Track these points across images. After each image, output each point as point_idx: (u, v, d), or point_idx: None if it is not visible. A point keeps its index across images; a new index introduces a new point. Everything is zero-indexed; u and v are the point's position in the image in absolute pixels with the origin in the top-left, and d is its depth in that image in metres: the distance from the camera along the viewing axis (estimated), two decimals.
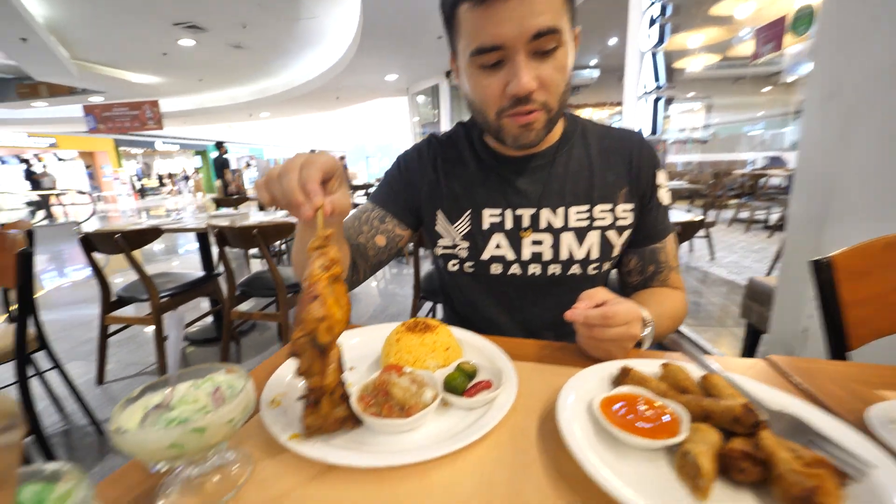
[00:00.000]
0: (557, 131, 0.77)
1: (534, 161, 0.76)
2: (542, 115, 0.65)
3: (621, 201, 0.75)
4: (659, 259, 0.78)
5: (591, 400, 0.44)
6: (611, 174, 0.75)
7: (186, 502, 0.36)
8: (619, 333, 0.55)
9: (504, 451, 0.42)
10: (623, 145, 0.77)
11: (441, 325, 0.59)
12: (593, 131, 0.79)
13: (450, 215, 0.79)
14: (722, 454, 0.36)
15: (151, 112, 9.82)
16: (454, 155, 0.82)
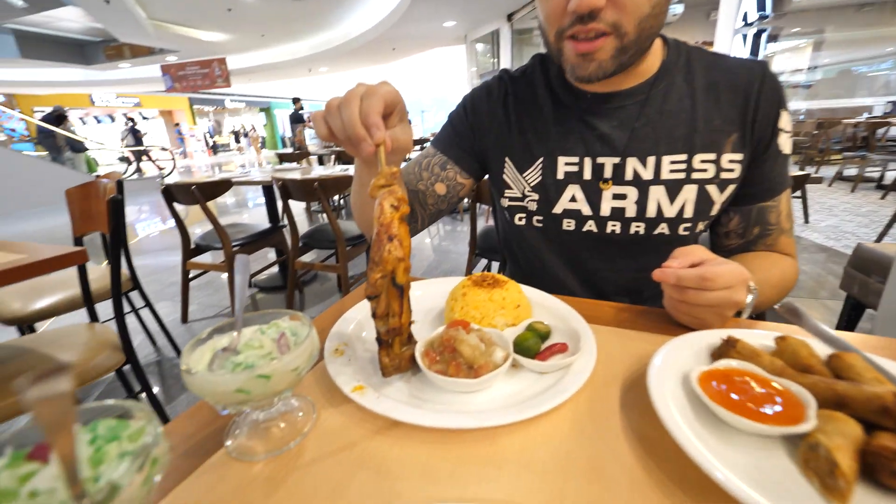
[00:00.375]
0: (654, 62, 0.64)
1: (621, 99, 0.65)
2: (612, 42, 0.54)
3: (728, 150, 0.62)
4: (767, 219, 0.66)
5: (688, 373, 0.38)
6: (718, 116, 0.62)
7: (253, 445, 0.36)
8: (719, 298, 0.47)
9: (582, 422, 0.38)
10: (739, 79, 0.62)
11: (510, 280, 0.55)
12: (702, 61, 0.65)
13: (519, 163, 0.71)
14: (866, 451, 0.29)
15: (220, 69, 10.30)
16: (528, 93, 0.72)
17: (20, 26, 9.37)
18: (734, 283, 0.47)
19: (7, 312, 1.44)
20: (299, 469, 0.34)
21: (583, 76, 0.58)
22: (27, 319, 1.46)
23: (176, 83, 10.84)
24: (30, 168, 6.66)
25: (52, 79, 12.39)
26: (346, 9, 8.90)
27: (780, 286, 0.62)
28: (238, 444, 0.37)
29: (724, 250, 0.72)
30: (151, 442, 0.25)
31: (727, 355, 0.41)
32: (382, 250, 0.38)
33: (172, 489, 0.33)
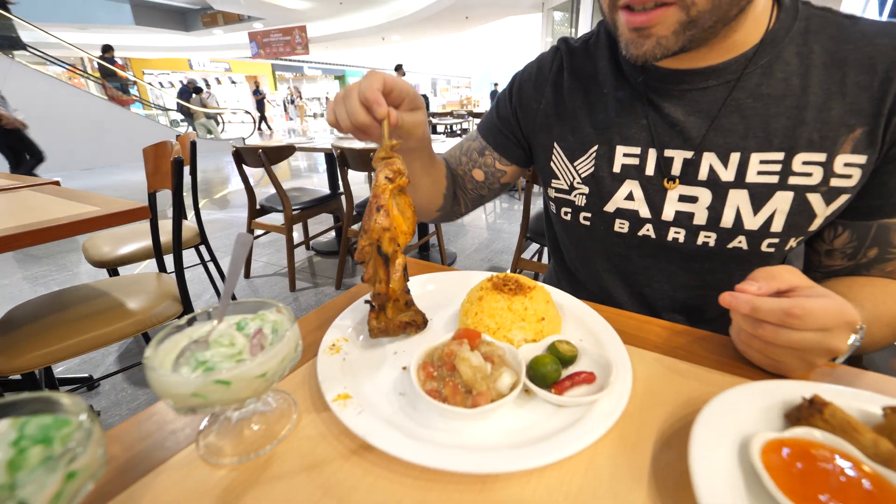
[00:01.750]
0: (756, 31, 0.49)
1: (705, 78, 0.51)
2: (675, 13, 0.42)
3: (847, 150, 0.46)
4: (890, 240, 0.50)
5: (750, 437, 0.29)
6: (840, 104, 0.46)
7: (223, 446, 0.34)
8: (807, 342, 0.36)
9: (599, 480, 0.30)
10: (880, 52, 0.45)
11: (539, 286, 0.47)
12: (826, 29, 0.48)
13: (570, 150, 0.61)
14: None
15: (300, 37, 10.72)
16: (588, 69, 0.61)
17: None
18: (832, 324, 0.36)
19: (97, 256, 1.63)
20: (262, 484, 0.31)
21: (637, 55, 0.46)
22: (112, 263, 1.64)
23: (261, 50, 11.47)
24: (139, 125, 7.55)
25: (158, 44, 13.69)
26: None
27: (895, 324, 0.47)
28: (208, 443, 0.34)
29: (821, 271, 0.57)
30: (71, 450, 0.22)
31: (810, 422, 0.31)
32: (371, 220, 0.41)
33: (135, 482, 0.31)
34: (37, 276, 2.69)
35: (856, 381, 0.40)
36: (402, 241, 0.42)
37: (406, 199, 0.45)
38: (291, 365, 0.34)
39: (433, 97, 20.93)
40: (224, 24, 11.99)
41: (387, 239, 0.41)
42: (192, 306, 1.29)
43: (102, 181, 5.98)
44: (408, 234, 0.43)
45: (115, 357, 1.86)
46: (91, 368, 1.78)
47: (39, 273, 2.73)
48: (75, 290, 1.25)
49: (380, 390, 0.39)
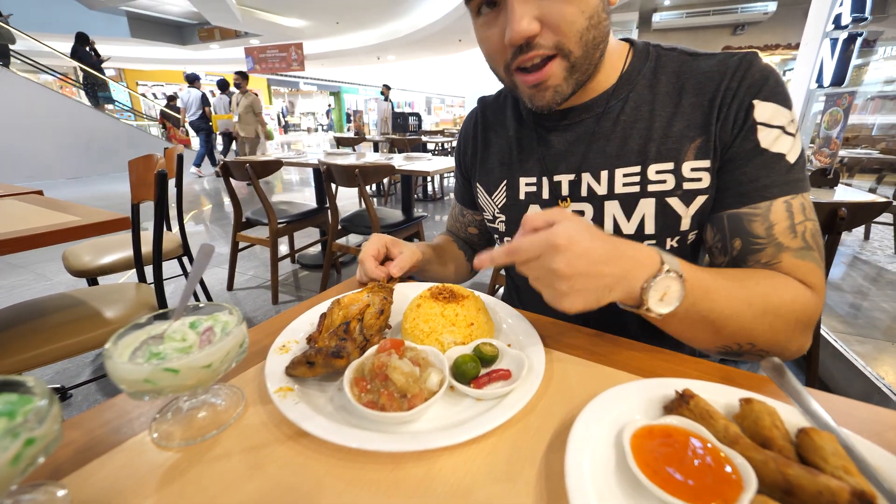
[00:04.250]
0: (614, 72, 0.60)
1: (578, 114, 0.61)
2: (560, 63, 0.52)
3: (691, 157, 0.55)
4: (749, 230, 0.52)
5: (625, 425, 0.35)
6: (680, 121, 0.55)
7: (173, 431, 0.38)
8: (535, 270, 0.41)
9: (497, 461, 0.35)
10: (710, 77, 0.54)
11: (472, 295, 0.53)
12: (671, 65, 0.58)
13: (487, 186, 0.72)
14: None
15: (296, 54, 10.90)
16: (497, 118, 0.73)
17: (132, 8, 10.51)
18: (539, 250, 0.39)
19: (77, 265, 1.64)
20: (203, 463, 0.35)
21: (542, 105, 0.55)
22: (92, 273, 1.65)
23: (257, 65, 11.62)
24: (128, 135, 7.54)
25: (154, 56, 13.78)
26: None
27: (761, 304, 0.46)
28: (161, 429, 0.38)
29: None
30: (30, 420, 0.26)
31: (679, 411, 0.36)
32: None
33: (89, 462, 0.35)
34: (14, 285, 2.67)
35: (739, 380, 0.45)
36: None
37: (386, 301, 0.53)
38: (238, 360, 0.39)
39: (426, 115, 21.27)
40: (221, 39, 12.17)
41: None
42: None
43: (88, 191, 5.95)
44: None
45: (91, 370, 1.85)
46: (66, 380, 1.77)
47: (17, 282, 2.71)
48: (51, 300, 1.26)
49: (320, 387, 0.43)
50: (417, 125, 7.26)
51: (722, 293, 0.46)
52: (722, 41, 8.50)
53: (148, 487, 0.33)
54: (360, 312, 0.50)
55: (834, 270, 2.85)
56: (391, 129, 6.73)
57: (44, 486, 0.32)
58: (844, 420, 0.35)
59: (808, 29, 2.67)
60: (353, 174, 2.19)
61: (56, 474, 0.34)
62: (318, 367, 0.41)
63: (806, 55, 2.71)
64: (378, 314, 0.50)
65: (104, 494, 0.32)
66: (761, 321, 0.46)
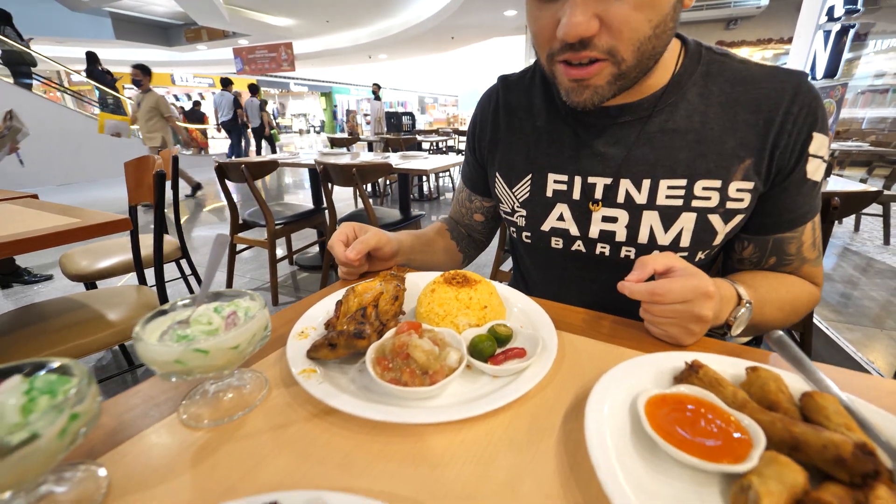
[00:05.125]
0: (665, 72, 0.56)
1: (622, 115, 0.58)
2: (608, 68, 0.48)
3: (738, 178, 0.54)
4: (786, 250, 0.59)
5: (638, 394, 0.36)
6: (733, 139, 0.54)
7: (202, 413, 0.39)
8: (677, 312, 0.45)
9: (517, 432, 0.37)
10: (765, 95, 0.53)
11: (484, 281, 0.54)
12: (723, 73, 0.56)
13: (508, 178, 0.68)
14: (802, 502, 0.26)
15: (286, 54, 10.82)
16: (522, 102, 0.68)
17: (116, 9, 10.37)
18: (691, 297, 0.44)
19: (75, 269, 1.63)
20: (233, 441, 0.36)
21: (578, 103, 0.53)
22: (91, 277, 1.64)
23: (246, 66, 11.53)
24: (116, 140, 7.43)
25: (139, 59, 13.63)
26: None
27: (789, 309, 0.57)
28: (189, 411, 0.39)
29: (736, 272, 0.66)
30: (73, 396, 0.27)
31: (688, 381, 0.38)
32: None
33: (122, 443, 0.36)
34: (8, 292, 2.64)
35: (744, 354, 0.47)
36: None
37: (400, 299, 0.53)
38: (262, 343, 0.40)
39: (420, 115, 21.25)
40: (208, 39, 12.05)
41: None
42: None
43: (79, 197, 5.88)
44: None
45: (95, 373, 1.84)
46: None
47: (13, 289, 2.68)
48: (52, 303, 1.26)
49: (341, 369, 0.45)
50: (411, 125, 7.27)
51: (768, 307, 0.54)
52: (715, 35, 8.60)
53: (182, 464, 0.34)
54: (374, 299, 0.51)
55: (826, 261, 2.90)
56: (385, 129, 6.73)
57: (83, 465, 0.33)
58: (843, 387, 0.37)
59: (801, 21, 2.71)
60: (351, 173, 2.20)
61: (91, 455, 0.35)
62: (340, 348, 0.43)
63: (799, 47, 2.75)
64: (393, 300, 0.51)
65: (140, 472, 0.33)
66: (784, 320, 0.57)
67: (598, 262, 0.65)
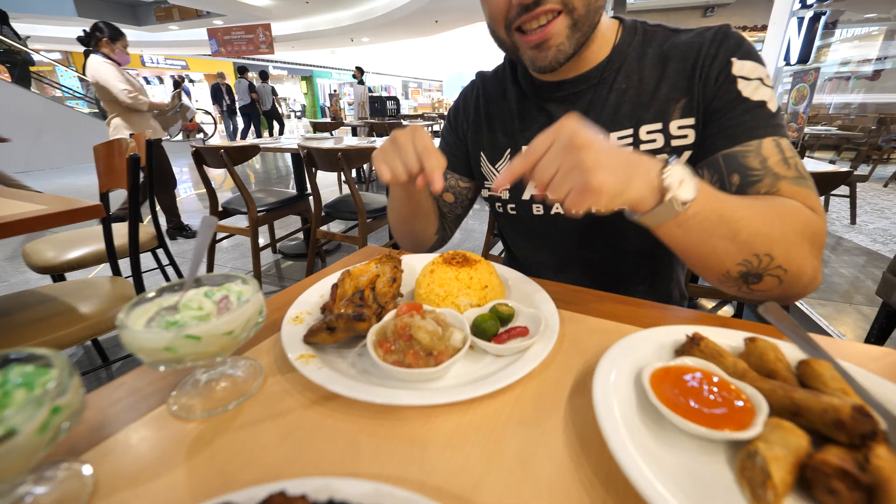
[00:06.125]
0: (607, 46, 0.64)
1: (575, 85, 0.65)
2: (563, 21, 0.54)
3: (677, 116, 0.60)
4: (745, 164, 0.54)
5: (642, 368, 0.36)
6: (665, 86, 0.60)
7: (193, 404, 0.37)
8: (554, 158, 0.40)
9: (524, 409, 0.37)
10: (690, 47, 0.59)
11: (483, 261, 0.54)
12: (656, 38, 0.64)
13: (491, 156, 0.75)
14: (807, 465, 0.27)
15: (264, 35, 10.40)
16: (497, 90, 0.76)
17: None
18: (553, 134, 0.41)
19: (41, 261, 1.55)
20: (230, 431, 0.35)
21: (544, 65, 0.57)
22: (58, 269, 1.56)
23: (221, 48, 11.05)
24: (83, 124, 7.06)
25: None
26: None
27: (768, 212, 0.48)
28: (180, 402, 0.38)
29: None
30: (52, 391, 0.25)
31: (690, 353, 0.38)
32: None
33: (106, 439, 0.34)
34: None
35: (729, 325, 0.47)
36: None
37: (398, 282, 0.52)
38: (256, 328, 0.38)
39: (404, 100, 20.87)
40: (180, 19, 11.46)
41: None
42: None
43: (43, 185, 5.58)
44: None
45: None
46: None
47: None
48: (17, 297, 1.19)
49: (340, 354, 0.44)
50: (396, 109, 7.15)
51: (728, 197, 0.46)
52: (693, 22, 8.80)
53: (176, 457, 0.33)
54: (371, 282, 0.50)
55: None
56: (368, 114, 6.59)
57: (65, 463, 0.32)
58: (834, 354, 0.38)
59: (776, 7, 2.77)
60: (336, 158, 2.14)
61: (73, 452, 0.33)
62: (339, 332, 0.41)
63: (774, 34, 2.81)
64: (390, 282, 0.50)
65: (129, 468, 0.32)
66: (773, 224, 0.46)
67: (576, 223, 0.69)
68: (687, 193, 0.42)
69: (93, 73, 2.69)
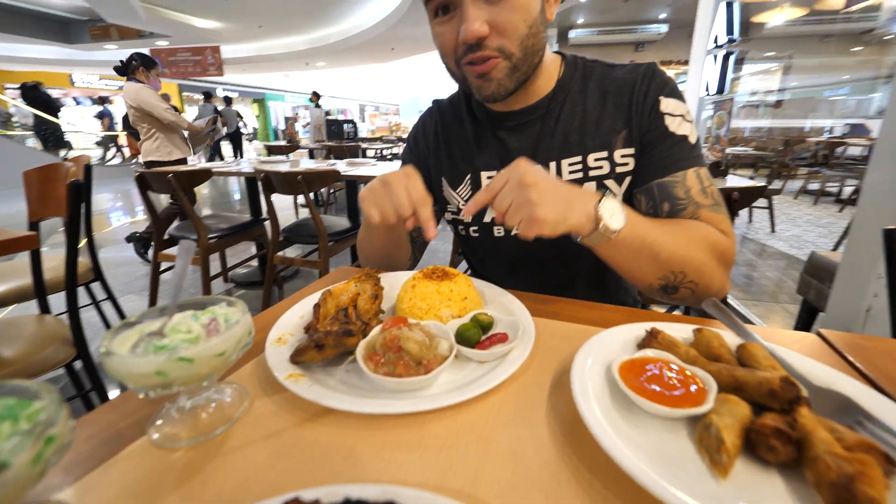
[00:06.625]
0: (551, 80, 0.71)
1: (525, 116, 0.72)
2: (502, 62, 0.60)
3: (619, 146, 0.67)
4: (673, 194, 0.64)
5: (611, 362, 0.41)
6: (607, 118, 0.68)
7: (177, 432, 0.37)
8: (508, 193, 0.49)
9: (510, 409, 0.39)
10: (625, 83, 0.68)
11: (461, 274, 0.57)
12: (595, 73, 0.71)
13: (452, 181, 0.79)
14: (750, 429, 0.32)
15: (213, 58, 10.05)
16: (453, 118, 0.81)
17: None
18: (506, 174, 0.50)
19: None
20: (221, 456, 0.35)
21: (487, 95, 0.63)
22: None
23: (166, 69, 10.52)
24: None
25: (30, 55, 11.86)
26: (346, 6, 8.86)
27: (685, 237, 0.58)
28: (161, 432, 0.37)
29: None
30: (45, 420, 0.25)
31: (650, 346, 0.43)
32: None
33: (85, 475, 0.33)
34: None
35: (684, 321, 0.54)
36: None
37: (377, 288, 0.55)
38: (245, 349, 0.38)
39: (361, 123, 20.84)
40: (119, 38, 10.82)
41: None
42: (89, 350, 1.15)
43: None
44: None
45: None
46: None
47: None
48: None
49: (327, 372, 0.45)
50: (353, 132, 7.17)
51: (655, 225, 0.57)
52: (627, 56, 10.00)
53: (165, 487, 0.32)
54: (352, 300, 0.52)
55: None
56: (325, 137, 6.55)
57: None
58: (764, 339, 0.44)
59: (694, 47, 3.18)
60: (296, 181, 2.11)
61: (48, 491, 0.32)
62: (328, 348, 0.43)
63: (695, 68, 3.21)
64: (372, 299, 0.52)
65: (116, 503, 0.31)
66: (686, 249, 0.57)
67: (534, 243, 0.70)
68: (617, 223, 0.51)
69: (134, 98, 2.92)
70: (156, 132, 3.01)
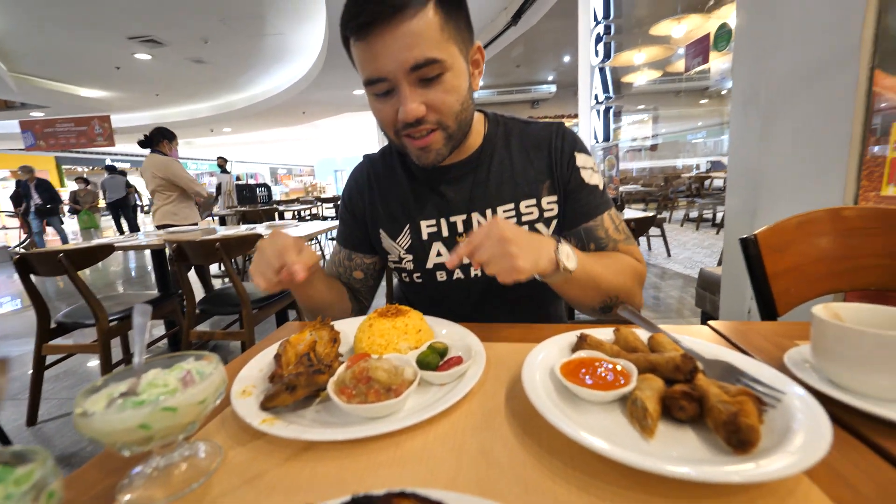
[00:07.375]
0: (478, 136, 0.80)
1: (458, 170, 0.79)
2: (440, 134, 0.67)
3: (545, 194, 0.77)
4: (597, 235, 0.77)
5: (553, 365, 0.48)
6: (532, 170, 0.78)
7: (151, 494, 0.36)
8: (490, 247, 0.55)
9: (474, 418, 0.44)
10: (542, 139, 0.79)
11: (412, 310, 0.62)
12: (514, 130, 0.81)
13: (390, 231, 0.83)
14: (664, 397, 0.40)
15: (101, 128, 9.23)
16: (387, 171, 0.85)
17: None
18: (486, 229, 0.56)
19: None
20: None
21: (426, 164, 0.70)
22: None
23: (41, 141, 9.42)
24: None
25: None
26: (253, 73, 8.90)
27: (618, 269, 0.70)
28: (134, 495, 0.36)
29: None
30: (46, 475, 0.25)
31: (581, 348, 0.52)
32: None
33: None
34: None
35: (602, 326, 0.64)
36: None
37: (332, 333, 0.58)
38: (220, 398, 0.39)
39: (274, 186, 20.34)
40: None
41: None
42: None
43: None
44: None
45: None
46: None
47: None
48: None
49: (298, 414, 0.46)
50: (267, 196, 6.99)
51: (594, 261, 0.66)
52: (525, 112, 11.50)
53: None
54: (309, 347, 0.54)
55: None
56: (236, 202, 6.30)
57: None
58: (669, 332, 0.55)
59: (580, 103, 3.78)
60: (214, 249, 2.01)
61: None
62: (299, 388, 0.44)
63: (584, 121, 3.80)
64: (331, 342, 0.54)
65: None
66: (617, 277, 0.69)
67: (475, 283, 0.81)
68: (571, 264, 0.60)
69: (164, 170, 3.17)
70: (174, 198, 3.28)
